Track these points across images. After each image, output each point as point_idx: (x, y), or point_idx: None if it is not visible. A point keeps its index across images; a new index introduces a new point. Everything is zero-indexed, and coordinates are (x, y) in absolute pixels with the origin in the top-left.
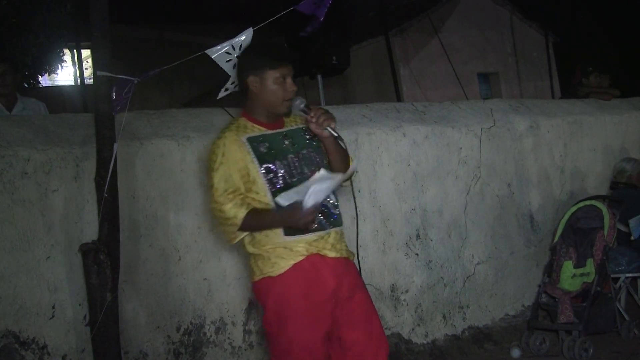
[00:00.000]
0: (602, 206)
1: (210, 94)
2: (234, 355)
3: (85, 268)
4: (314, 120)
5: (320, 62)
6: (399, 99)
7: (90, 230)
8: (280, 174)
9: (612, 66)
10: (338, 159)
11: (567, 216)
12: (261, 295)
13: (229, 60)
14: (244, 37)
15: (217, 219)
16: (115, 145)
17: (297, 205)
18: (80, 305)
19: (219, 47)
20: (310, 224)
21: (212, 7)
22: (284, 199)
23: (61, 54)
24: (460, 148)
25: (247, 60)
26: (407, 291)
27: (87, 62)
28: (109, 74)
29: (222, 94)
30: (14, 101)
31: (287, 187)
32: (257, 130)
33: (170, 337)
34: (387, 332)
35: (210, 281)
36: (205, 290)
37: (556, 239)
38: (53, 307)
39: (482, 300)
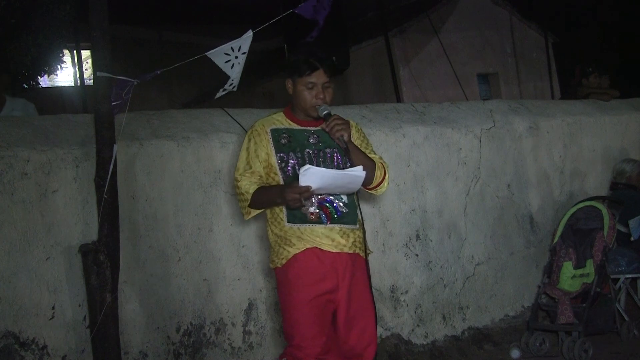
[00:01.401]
0: (601, 207)
1: (209, 94)
2: (233, 355)
3: (85, 269)
4: (327, 129)
5: None
6: (398, 99)
7: (90, 231)
8: (291, 165)
9: (611, 67)
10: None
11: (566, 217)
12: (277, 283)
13: (228, 61)
14: (244, 39)
15: (236, 197)
16: (115, 146)
17: (293, 183)
18: (80, 306)
19: (218, 48)
20: (295, 203)
21: (211, 8)
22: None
23: (61, 54)
24: (460, 149)
25: (289, 63)
26: (406, 292)
27: (87, 62)
28: (108, 75)
29: (219, 94)
30: (3, 102)
31: (295, 176)
32: (286, 124)
33: (170, 337)
34: (387, 333)
35: (209, 282)
36: (205, 291)
37: (556, 239)
38: (53, 307)
39: (481, 301)
